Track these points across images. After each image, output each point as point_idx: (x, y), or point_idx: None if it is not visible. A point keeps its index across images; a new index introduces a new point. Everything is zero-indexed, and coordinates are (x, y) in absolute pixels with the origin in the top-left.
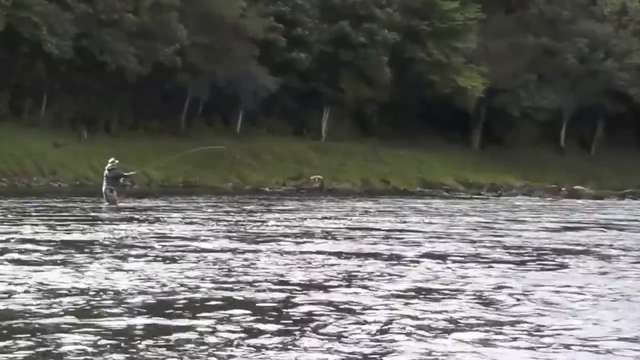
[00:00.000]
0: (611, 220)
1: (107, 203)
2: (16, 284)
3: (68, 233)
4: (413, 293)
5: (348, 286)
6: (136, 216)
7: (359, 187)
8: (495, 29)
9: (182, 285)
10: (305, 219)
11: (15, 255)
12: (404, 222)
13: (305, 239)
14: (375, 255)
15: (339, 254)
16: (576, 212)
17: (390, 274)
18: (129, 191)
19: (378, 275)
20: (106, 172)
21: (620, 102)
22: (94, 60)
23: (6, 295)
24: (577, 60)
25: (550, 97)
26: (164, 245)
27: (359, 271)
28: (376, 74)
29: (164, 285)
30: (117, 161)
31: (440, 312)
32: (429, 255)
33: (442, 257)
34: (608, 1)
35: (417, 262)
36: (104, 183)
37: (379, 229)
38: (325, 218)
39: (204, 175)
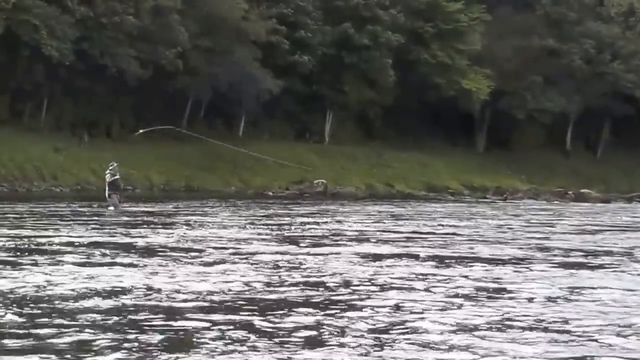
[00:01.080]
0: None
1: (111, 207)
2: (117, 284)
3: (114, 236)
4: (485, 293)
5: (426, 287)
6: (170, 220)
7: (363, 191)
8: (500, 31)
9: (265, 284)
10: (341, 221)
11: (84, 258)
12: (440, 225)
13: (356, 242)
14: (433, 258)
15: (398, 256)
16: (602, 214)
17: (453, 276)
18: (132, 195)
19: (445, 277)
20: (107, 176)
21: (627, 104)
22: (95, 63)
23: (113, 294)
24: (583, 62)
25: (556, 99)
26: (227, 248)
27: (434, 273)
28: (380, 77)
29: (246, 284)
30: (115, 164)
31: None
32: (485, 258)
33: (501, 260)
34: (615, 2)
35: (473, 263)
36: (106, 187)
37: (421, 232)
38: (359, 222)
39: (205, 179)
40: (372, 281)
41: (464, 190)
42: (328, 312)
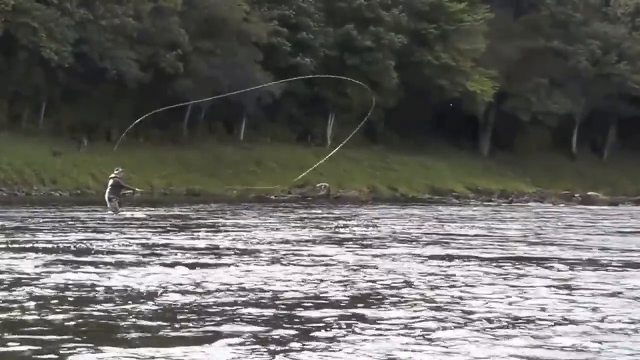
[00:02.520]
0: None
1: (110, 211)
2: (202, 283)
3: (175, 237)
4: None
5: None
6: (209, 222)
7: (366, 194)
8: (505, 32)
9: (335, 282)
10: (378, 225)
11: (191, 259)
12: (472, 227)
13: (407, 243)
14: (491, 260)
15: (449, 257)
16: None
17: (524, 275)
18: (137, 199)
19: (515, 277)
20: (110, 180)
21: (634, 105)
22: (94, 66)
23: (246, 290)
24: (589, 63)
25: (561, 101)
26: (286, 250)
27: (501, 273)
28: (383, 79)
29: (319, 282)
30: (121, 169)
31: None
32: (560, 259)
33: (577, 261)
34: (621, 2)
35: (552, 264)
36: (107, 191)
37: (465, 235)
38: (395, 224)
39: (207, 182)
40: (463, 281)
41: (469, 194)
42: (433, 306)
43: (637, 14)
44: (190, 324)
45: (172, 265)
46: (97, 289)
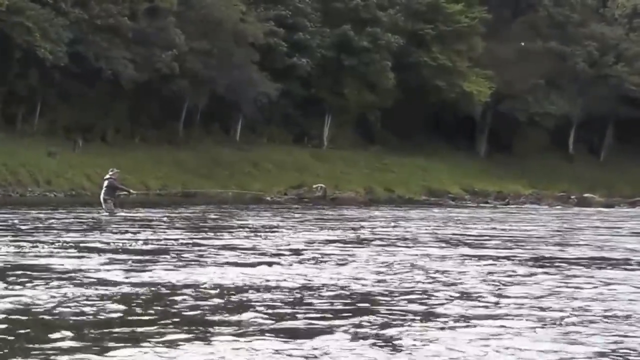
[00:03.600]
0: None
1: (106, 213)
2: (283, 281)
3: (216, 238)
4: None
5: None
6: (235, 223)
7: (363, 195)
8: (502, 33)
9: (380, 281)
10: (399, 225)
11: (237, 258)
12: (498, 228)
13: (443, 244)
14: (537, 259)
15: (494, 257)
16: None
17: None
18: (127, 200)
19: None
20: (105, 182)
21: (631, 107)
22: (89, 66)
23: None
24: (586, 65)
25: (559, 102)
26: (334, 250)
27: (555, 273)
28: (380, 80)
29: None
30: (116, 170)
31: None
32: (591, 258)
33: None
34: (619, 4)
35: (584, 265)
36: (102, 192)
37: (499, 236)
38: (422, 225)
39: (202, 184)
40: (502, 280)
41: (465, 195)
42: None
43: (635, 16)
44: (302, 317)
45: (224, 264)
46: (178, 285)
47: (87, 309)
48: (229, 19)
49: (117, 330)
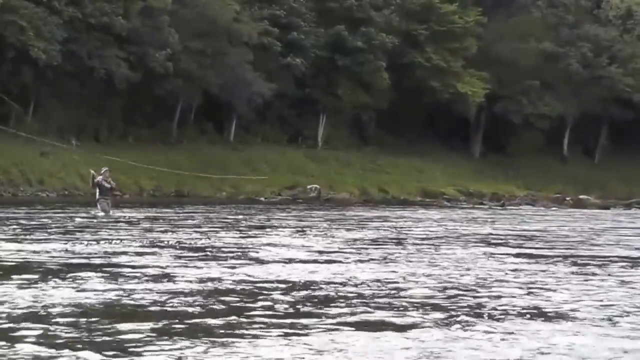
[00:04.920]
0: None
1: (101, 213)
2: (352, 278)
3: (255, 237)
4: None
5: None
6: (258, 224)
7: (357, 196)
8: (496, 34)
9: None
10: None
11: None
12: (522, 228)
13: (481, 243)
14: (566, 257)
15: (529, 256)
16: None
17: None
18: (121, 200)
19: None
20: (99, 179)
21: (625, 108)
22: (83, 65)
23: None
24: (580, 66)
25: (553, 103)
26: (375, 249)
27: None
28: (374, 80)
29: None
30: (106, 169)
31: None
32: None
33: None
34: (612, 5)
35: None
36: (97, 193)
37: (523, 235)
38: (431, 225)
39: (196, 184)
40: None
41: (460, 196)
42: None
43: (628, 17)
44: (389, 310)
45: (290, 261)
46: (253, 281)
47: (190, 301)
48: (223, 18)
49: (220, 322)
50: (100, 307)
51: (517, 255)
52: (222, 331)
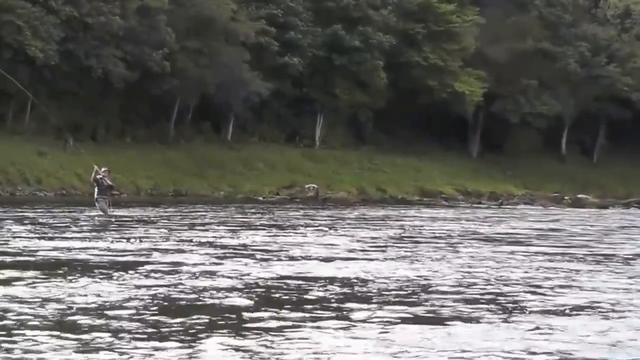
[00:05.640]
0: None
1: (100, 212)
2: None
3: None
4: None
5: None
6: (288, 224)
7: (355, 196)
8: (494, 33)
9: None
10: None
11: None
12: (544, 228)
13: (513, 242)
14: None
15: (553, 254)
16: None
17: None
18: (119, 200)
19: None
20: (98, 177)
21: (623, 107)
22: (80, 65)
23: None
24: (578, 65)
25: (551, 102)
26: (405, 246)
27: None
28: (371, 79)
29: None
30: (105, 169)
31: None
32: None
33: None
34: (610, 4)
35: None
36: (95, 192)
37: (547, 235)
38: (448, 225)
39: (194, 184)
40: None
41: (458, 196)
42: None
43: (626, 16)
44: (433, 304)
45: (366, 259)
46: (304, 277)
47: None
48: (220, 17)
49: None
50: (157, 301)
51: (544, 254)
52: (278, 323)
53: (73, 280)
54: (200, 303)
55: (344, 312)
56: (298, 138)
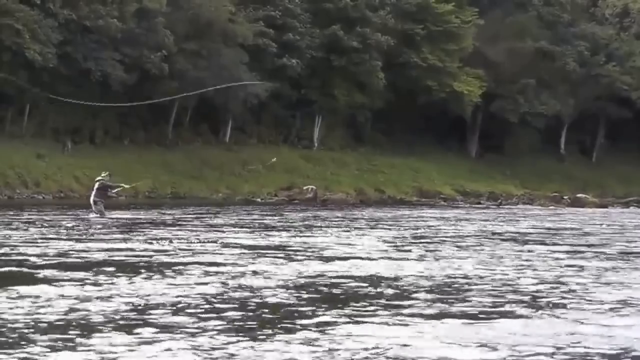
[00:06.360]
0: None
1: (96, 214)
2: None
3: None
4: None
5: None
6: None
7: (354, 197)
8: (493, 33)
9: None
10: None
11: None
12: (559, 227)
13: (526, 241)
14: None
15: (578, 252)
16: None
17: None
18: (117, 202)
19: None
20: (96, 184)
21: (622, 106)
22: (78, 67)
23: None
24: (577, 64)
25: (550, 102)
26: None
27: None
28: (369, 80)
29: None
30: (105, 174)
31: None
32: None
33: None
34: (609, 3)
35: None
36: (92, 194)
37: (565, 234)
38: (465, 225)
39: (192, 186)
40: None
41: (457, 196)
42: None
43: (625, 15)
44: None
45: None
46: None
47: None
48: (218, 19)
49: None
50: (211, 299)
51: (569, 252)
52: (329, 319)
53: (127, 280)
54: (259, 300)
55: (394, 308)
56: (296, 139)
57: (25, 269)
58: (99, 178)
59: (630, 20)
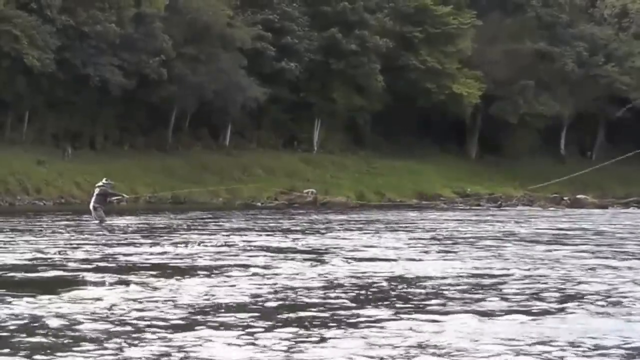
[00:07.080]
0: None
1: (96, 220)
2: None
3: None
4: None
5: None
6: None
7: (354, 200)
8: (491, 35)
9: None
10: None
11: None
12: (573, 227)
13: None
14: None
15: (599, 252)
16: None
17: None
18: (116, 207)
19: None
20: (96, 189)
21: (622, 107)
22: (77, 73)
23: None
24: (576, 65)
25: (549, 103)
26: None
27: None
28: (368, 83)
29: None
30: (106, 180)
31: None
32: None
33: None
34: (607, 4)
35: None
36: (92, 200)
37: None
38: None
39: (192, 190)
40: None
41: (457, 198)
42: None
43: (624, 15)
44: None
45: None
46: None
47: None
48: (216, 23)
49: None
50: (258, 298)
51: (590, 252)
52: (371, 316)
53: (171, 284)
54: (308, 300)
55: (434, 307)
56: (296, 143)
57: (68, 274)
58: (99, 184)
59: (629, 21)
